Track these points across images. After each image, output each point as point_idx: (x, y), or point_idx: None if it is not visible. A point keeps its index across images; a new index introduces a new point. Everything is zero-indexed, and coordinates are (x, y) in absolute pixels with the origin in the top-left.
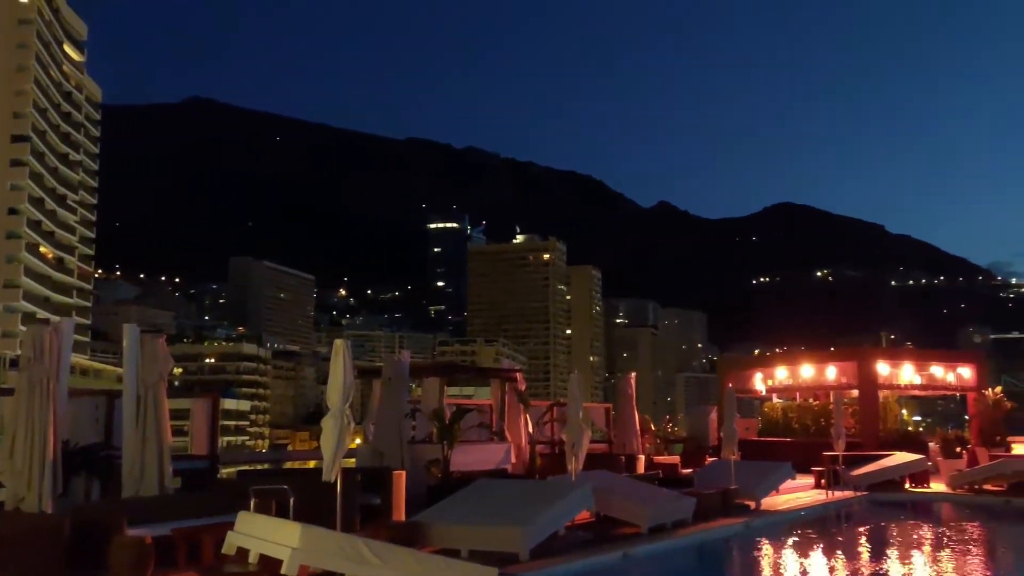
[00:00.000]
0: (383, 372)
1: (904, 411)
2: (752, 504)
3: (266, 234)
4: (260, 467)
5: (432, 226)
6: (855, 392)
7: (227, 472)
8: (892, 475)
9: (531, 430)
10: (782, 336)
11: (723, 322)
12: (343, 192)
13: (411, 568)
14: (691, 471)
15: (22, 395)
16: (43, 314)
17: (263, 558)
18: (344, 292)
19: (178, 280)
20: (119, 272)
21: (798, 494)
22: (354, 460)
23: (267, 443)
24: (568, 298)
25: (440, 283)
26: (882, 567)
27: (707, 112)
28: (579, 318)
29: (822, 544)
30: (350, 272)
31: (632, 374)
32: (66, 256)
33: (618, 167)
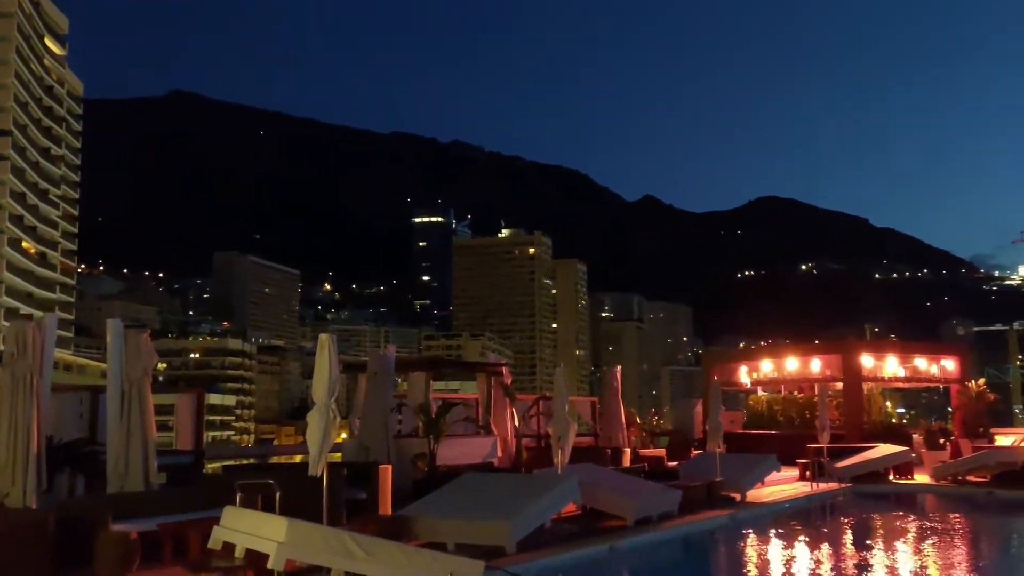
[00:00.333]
0: (368, 367)
1: (888, 403)
2: (737, 496)
3: (250, 229)
4: (246, 462)
5: (417, 220)
6: (839, 384)
7: (212, 467)
8: (876, 467)
9: (517, 424)
10: (767, 329)
11: (708, 315)
12: (328, 186)
13: (398, 562)
14: (676, 464)
15: (5, 391)
16: (26, 310)
17: (249, 553)
18: (329, 287)
19: (162, 275)
20: (102, 267)
21: (783, 486)
22: (340, 455)
23: (253, 438)
24: (554, 292)
25: (425, 277)
26: (866, 558)
27: (692, 106)
28: (565, 312)
29: (807, 536)
30: (335, 266)
31: (618, 368)
32: (49, 251)
33: (603, 161)
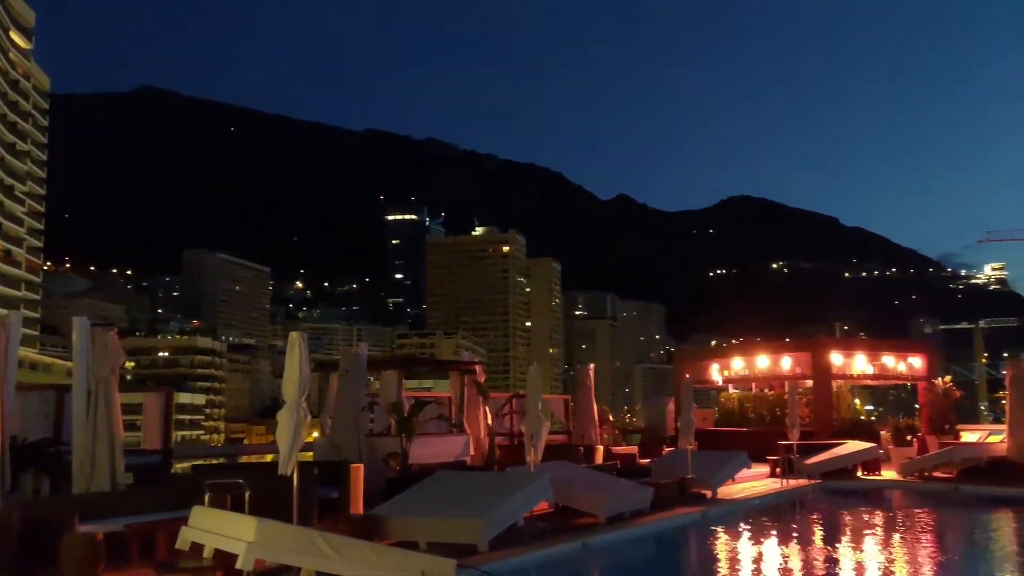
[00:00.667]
0: (340, 365)
1: (857, 400)
2: (709, 493)
3: (221, 225)
4: (215, 461)
5: (390, 218)
6: (809, 382)
7: (181, 467)
8: (845, 463)
9: (490, 422)
10: (738, 327)
11: (681, 313)
12: (300, 183)
13: (369, 561)
14: (649, 461)
15: None
16: None
17: (218, 553)
18: (301, 284)
19: (130, 273)
20: (69, 264)
21: (753, 483)
22: (311, 453)
23: (222, 437)
24: (528, 290)
25: (398, 275)
26: (835, 553)
27: (665, 106)
28: (538, 310)
29: (777, 531)
30: (307, 264)
31: (591, 366)
32: (14, 248)
33: (578, 160)
